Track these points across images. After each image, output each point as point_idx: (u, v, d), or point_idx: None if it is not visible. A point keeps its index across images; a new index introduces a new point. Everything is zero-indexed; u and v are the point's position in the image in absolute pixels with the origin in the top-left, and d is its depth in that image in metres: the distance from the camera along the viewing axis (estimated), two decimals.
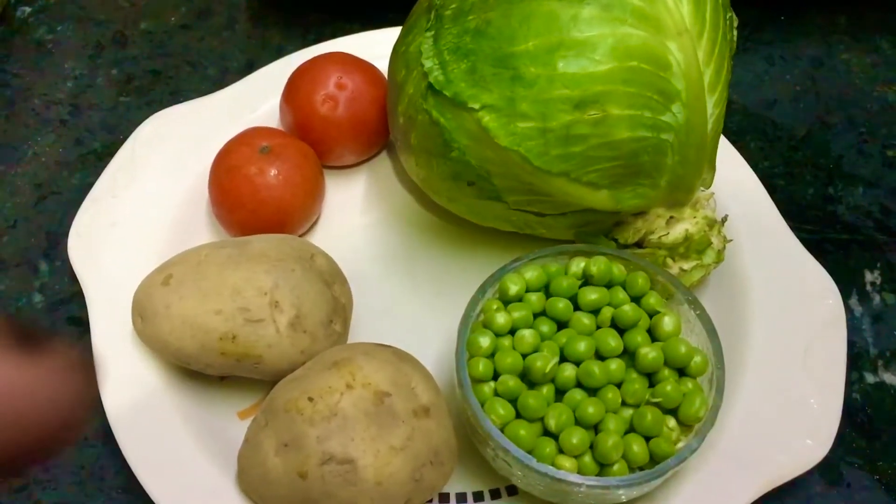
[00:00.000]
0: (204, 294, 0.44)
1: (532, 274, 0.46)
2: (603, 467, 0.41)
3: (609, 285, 0.46)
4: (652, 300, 0.45)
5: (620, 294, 0.45)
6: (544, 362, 0.42)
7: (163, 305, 0.45)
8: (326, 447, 0.40)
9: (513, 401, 0.42)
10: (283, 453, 0.41)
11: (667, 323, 0.44)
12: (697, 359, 0.43)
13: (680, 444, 0.42)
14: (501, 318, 0.44)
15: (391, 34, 0.53)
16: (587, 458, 0.41)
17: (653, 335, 0.44)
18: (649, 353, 0.43)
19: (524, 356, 0.43)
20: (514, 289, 0.45)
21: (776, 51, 0.69)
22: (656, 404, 0.42)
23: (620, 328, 0.44)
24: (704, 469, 0.45)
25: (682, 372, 0.44)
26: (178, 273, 0.46)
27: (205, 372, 0.46)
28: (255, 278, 0.45)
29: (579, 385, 0.43)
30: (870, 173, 0.62)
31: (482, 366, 0.43)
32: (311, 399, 0.41)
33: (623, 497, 0.42)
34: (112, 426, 0.45)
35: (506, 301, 0.45)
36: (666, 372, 0.43)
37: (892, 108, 0.66)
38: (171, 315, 0.45)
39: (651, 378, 0.43)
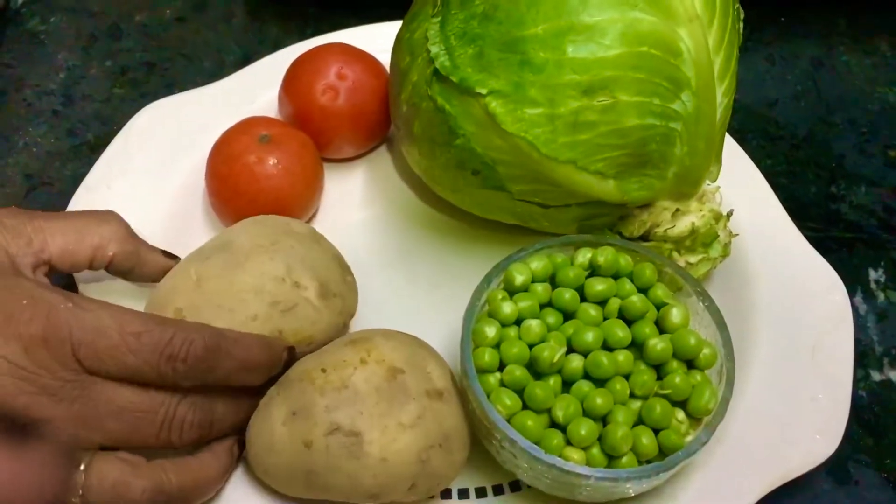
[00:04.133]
0: (229, 309, 0.43)
1: (538, 264, 0.45)
2: (611, 460, 0.40)
3: (616, 276, 0.45)
4: (659, 292, 0.44)
5: (627, 285, 0.44)
6: (551, 352, 0.41)
7: None
8: (334, 417, 0.39)
9: (519, 391, 0.41)
10: (291, 422, 0.40)
11: (675, 315, 0.43)
12: (706, 351, 0.42)
13: (689, 437, 0.41)
14: (507, 308, 0.43)
15: (392, 28, 0.53)
16: (595, 451, 0.40)
17: (661, 327, 0.43)
18: (658, 344, 0.42)
19: (531, 346, 0.42)
20: (520, 278, 0.44)
21: (776, 51, 0.69)
22: (665, 396, 0.41)
23: (628, 319, 0.43)
24: (712, 464, 0.44)
25: (690, 364, 0.43)
26: (184, 303, 0.43)
27: None
28: (265, 270, 0.44)
29: (587, 376, 0.42)
30: (872, 172, 0.62)
31: (488, 355, 0.42)
32: (323, 370, 0.41)
33: (631, 491, 0.41)
34: None
35: (511, 291, 0.44)
36: (674, 364, 0.42)
37: (893, 108, 0.66)
38: None
39: (659, 370, 0.43)
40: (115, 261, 0.45)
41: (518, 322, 0.43)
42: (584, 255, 0.45)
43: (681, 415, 0.41)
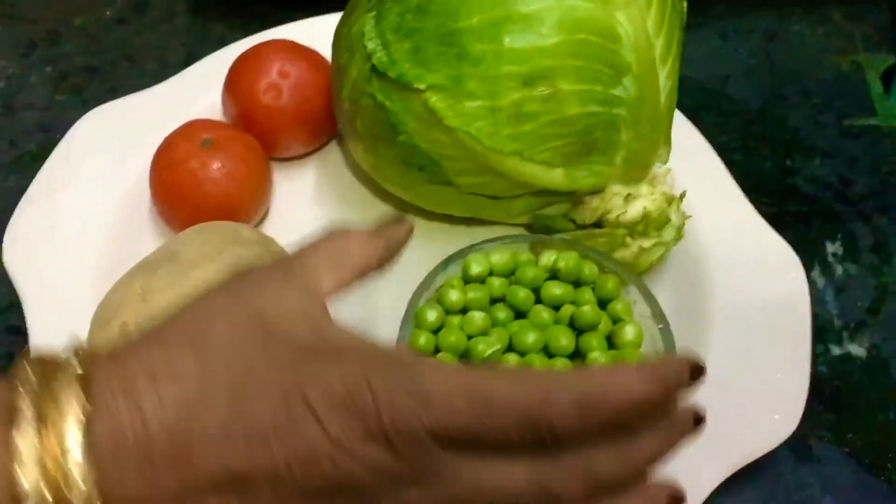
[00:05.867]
0: None
1: (499, 258, 0.44)
2: None
3: (578, 284, 0.44)
4: (619, 307, 0.43)
5: (587, 294, 0.43)
6: (486, 346, 0.40)
7: None
8: None
9: None
10: None
11: (628, 332, 0.42)
12: None
13: None
14: (454, 296, 0.42)
15: (334, 20, 0.52)
16: None
17: (612, 343, 0.43)
18: (598, 358, 0.41)
19: (469, 337, 0.41)
20: (476, 269, 0.43)
21: (729, 25, 0.68)
22: None
23: (579, 329, 0.42)
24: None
25: None
26: (130, 317, 0.42)
27: None
28: (211, 280, 0.42)
29: None
30: (827, 144, 0.61)
31: (424, 339, 0.41)
32: None
33: None
34: None
35: (467, 280, 0.44)
36: None
37: (846, 78, 0.65)
38: None
39: None
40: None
41: (465, 312, 0.43)
42: (548, 257, 0.44)
43: None
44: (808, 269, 0.51)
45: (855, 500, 0.46)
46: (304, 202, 0.55)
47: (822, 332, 0.52)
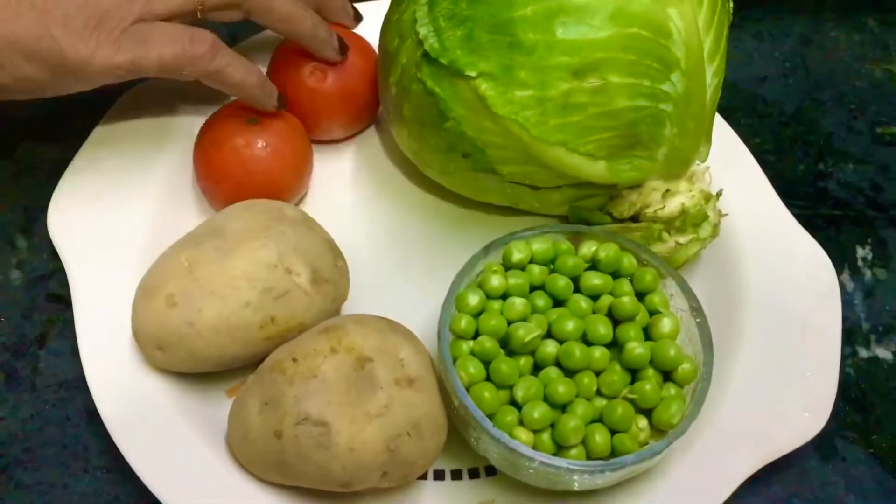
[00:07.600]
0: (221, 296, 0.43)
1: (540, 246, 0.45)
2: (560, 449, 0.40)
3: (616, 276, 0.45)
4: (656, 299, 0.44)
5: (625, 286, 0.44)
6: (526, 331, 0.41)
7: (185, 325, 0.43)
8: (302, 407, 0.40)
9: (487, 364, 0.41)
10: (263, 412, 0.41)
11: (665, 324, 0.43)
12: (686, 366, 0.42)
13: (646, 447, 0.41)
14: (496, 281, 0.43)
15: (381, 6, 0.52)
16: (545, 436, 0.40)
17: (649, 335, 0.43)
18: (636, 348, 0.42)
19: (510, 323, 0.42)
20: (517, 256, 0.44)
21: (765, 27, 0.69)
22: (631, 401, 0.41)
23: (617, 319, 0.43)
24: (701, 444, 0.44)
25: (667, 376, 0.43)
26: (176, 289, 0.43)
27: (247, 365, 0.45)
28: (257, 257, 0.44)
29: (559, 365, 0.42)
30: (860, 150, 0.62)
31: (464, 322, 0.42)
32: (294, 360, 0.41)
33: (576, 484, 0.41)
34: (97, 405, 0.44)
35: (507, 267, 0.44)
36: (650, 372, 0.42)
37: (881, 85, 0.66)
38: (199, 331, 0.43)
39: (635, 375, 0.42)
40: None
41: (505, 297, 0.43)
42: (588, 248, 0.45)
43: (643, 422, 0.41)
44: (837, 272, 0.51)
45: (878, 500, 0.47)
46: (343, 185, 0.56)
47: (849, 335, 0.53)
